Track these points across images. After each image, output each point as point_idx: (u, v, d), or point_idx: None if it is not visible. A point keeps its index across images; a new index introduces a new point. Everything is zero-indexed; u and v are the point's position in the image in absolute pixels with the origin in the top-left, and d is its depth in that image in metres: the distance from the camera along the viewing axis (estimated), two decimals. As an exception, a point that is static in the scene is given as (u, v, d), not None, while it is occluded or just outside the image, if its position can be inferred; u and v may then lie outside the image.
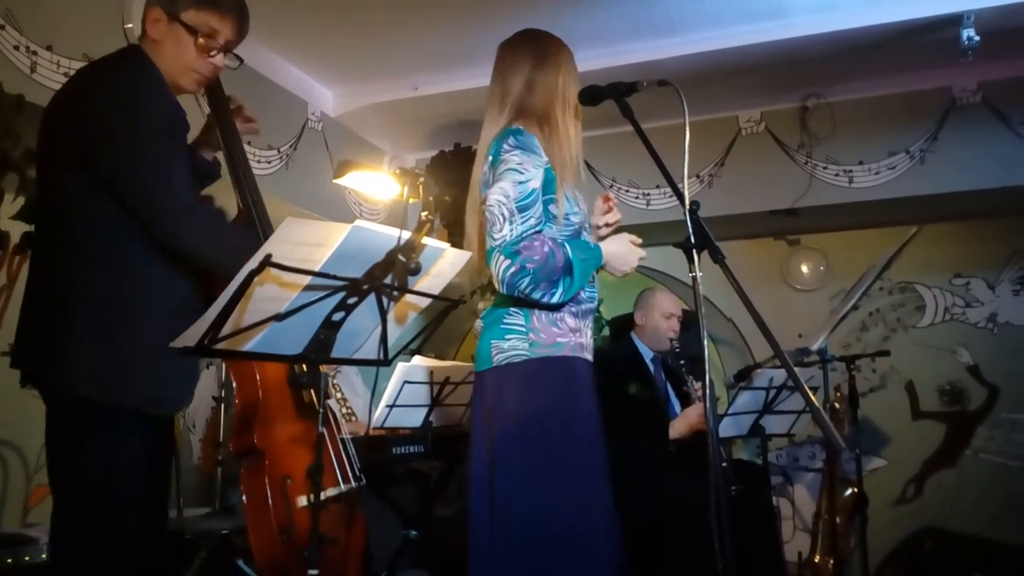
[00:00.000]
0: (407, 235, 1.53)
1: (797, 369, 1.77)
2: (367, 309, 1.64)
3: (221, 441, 3.93)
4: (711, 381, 1.83)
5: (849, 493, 4.27)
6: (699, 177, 4.79)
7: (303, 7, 3.70)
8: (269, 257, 1.38)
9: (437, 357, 3.88)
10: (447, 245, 1.68)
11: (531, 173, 1.97)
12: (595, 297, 2.15)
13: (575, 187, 2.12)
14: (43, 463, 3.32)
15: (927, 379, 5.06)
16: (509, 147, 1.99)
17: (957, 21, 3.61)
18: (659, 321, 3.61)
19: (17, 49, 2.83)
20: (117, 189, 1.73)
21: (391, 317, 1.72)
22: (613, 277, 2.20)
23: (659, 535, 3.16)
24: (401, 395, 3.21)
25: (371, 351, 1.78)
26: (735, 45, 3.95)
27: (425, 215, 1.51)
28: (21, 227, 2.72)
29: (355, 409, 3.80)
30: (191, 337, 1.45)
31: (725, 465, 3.24)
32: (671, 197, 4.80)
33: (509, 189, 1.94)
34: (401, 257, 1.52)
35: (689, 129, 1.81)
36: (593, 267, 2.07)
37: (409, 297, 1.74)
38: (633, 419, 3.33)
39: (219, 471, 3.86)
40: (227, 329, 1.46)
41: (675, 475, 3.23)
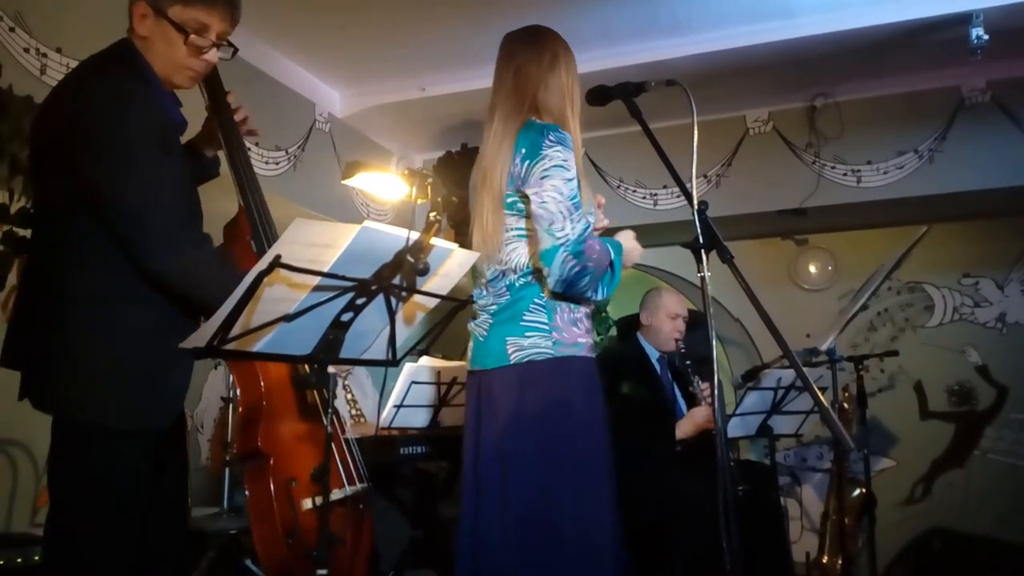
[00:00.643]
0: (415, 236, 1.53)
1: (805, 369, 1.76)
2: (375, 310, 1.64)
3: (229, 441, 3.93)
4: (720, 382, 1.83)
5: (857, 493, 4.25)
6: (707, 177, 4.78)
7: (311, 9, 3.71)
8: (279, 258, 1.39)
9: (444, 357, 3.88)
10: (455, 245, 1.68)
11: (574, 171, 1.98)
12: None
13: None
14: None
15: (936, 379, 5.05)
16: (551, 142, 1.97)
17: (966, 20, 3.60)
18: (665, 321, 3.60)
19: (27, 51, 2.85)
20: (100, 209, 1.67)
21: (399, 318, 1.72)
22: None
23: (665, 535, 3.15)
24: (408, 395, 3.21)
25: (379, 352, 1.78)
26: (742, 45, 3.95)
27: (434, 215, 1.51)
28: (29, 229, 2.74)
29: (364, 410, 3.81)
30: (201, 338, 1.45)
31: (732, 464, 3.23)
32: (678, 197, 4.80)
33: (563, 187, 1.94)
34: (410, 258, 1.52)
35: (697, 129, 1.81)
36: (621, 263, 2.08)
37: (417, 297, 1.74)
38: (639, 419, 3.33)
39: (227, 471, 3.86)
40: (236, 330, 1.46)
41: (681, 475, 3.23)
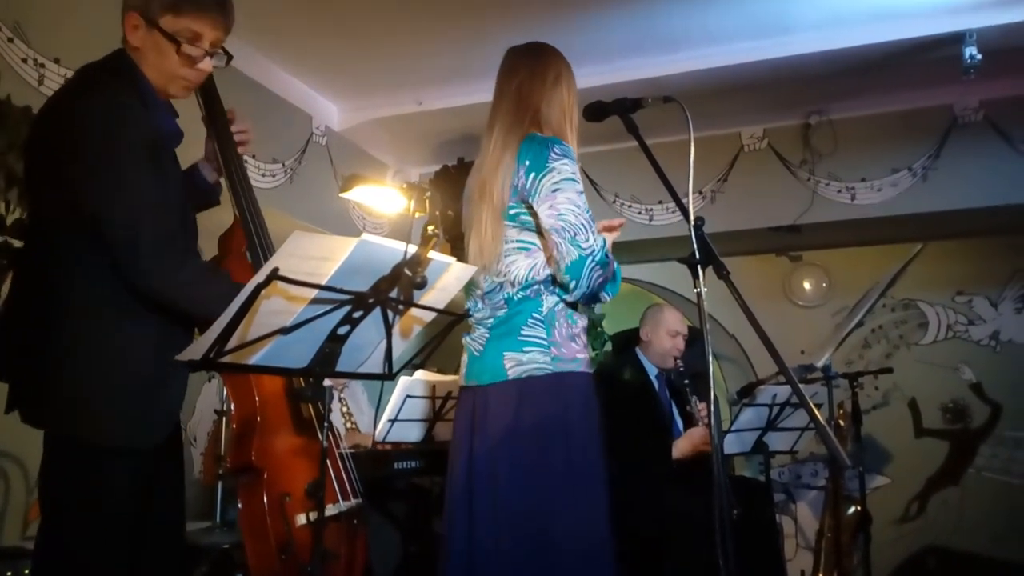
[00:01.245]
0: (413, 249, 1.53)
1: (801, 386, 1.76)
2: (372, 323, 1.64)
3: (222, 455, 3.91)
4: (716, 398, 1.83)
5: (852, 511, 4.24)
6: (702, 193, 4.79)
7: (308, 22, 3.72)
8: (276, 270, 1.38)
9: (439, 371, 3.87)
10: (453, 259, 1.68)
11: (581, 184, 2.01)
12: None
13: None
14: (41, 478, 3.30)
15: (930, 397, 5.06)
16: (557, 155, 1.98)
17: (959, 39, 3.63)
18: (664, 339, 3.60)
19: (25, 62, 2.85)
20: (90, 221, 1.65)
21: (396, 331, 1.71)
22: None
23: (661, 551, 3.14)
24: (403, 409, 3.21)
25: (376, 365, 1.78)
26: (738, 62, 3.97)
27: (432, 229, 1.51)
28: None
29: (359, 425, 3.79)
30: (197, 351, 1.45)
31: (728, 482, 3.23)
32: (673, 212, 4.81)
33: (577, 200, 1.97)
34: (407, 271, 1.52)
35: (693, 145, 1.82)
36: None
37: (414, 311, 1.74)
38: (636, 436, 3.32)
39: (220, 485, 3.83)
40: (233, 342, 1.45)
41: (678, 492, 3.22)
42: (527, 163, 2.00)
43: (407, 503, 3.68)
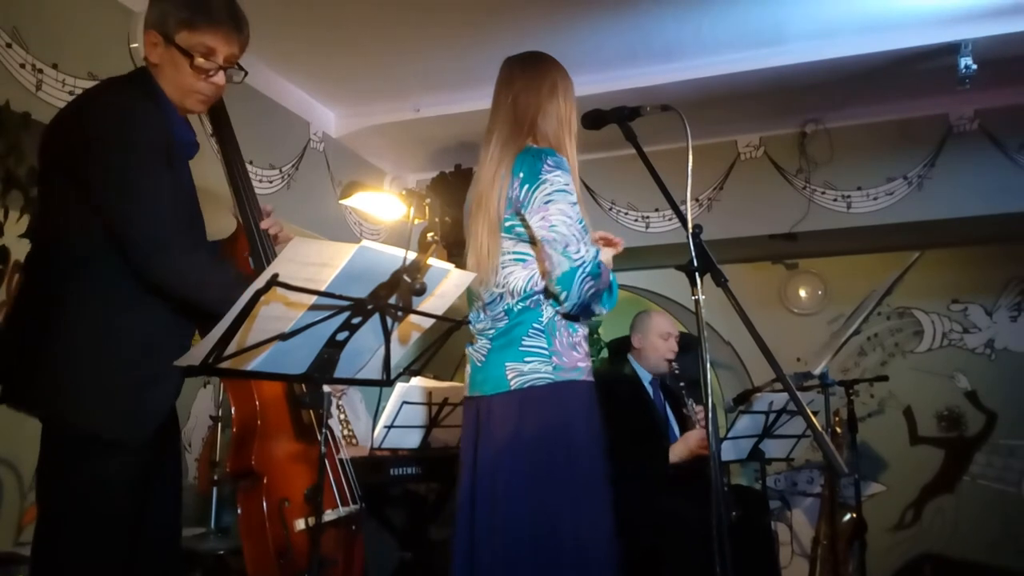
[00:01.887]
0: (412, 256, 1.54)
1: (798, 393, 1.77)
2: (371, 329, 1.64)
3: (217, 461, 3.90)
4: (713, 406, 1.83)
5: (848, 518, 4.25)
6: (698, 200, 4.80)
7: (306, 29, 3.73)
8: (276, 276, 1.39)
9: (435, 377, 3.87)
10: (451, 266, 1.68)
11: (576, 195, 2.00)
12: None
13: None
14: (33, 483, 3.29)
15: (925, 404, 5.06)
16: (550, 167, 1.99)
17: (955, 50, 3.66)
18: (657, 342, 3.60)
19: (23, 67, 2.85)
20: (104, 217, 1.72)
21: (394, 337, 1.72)
22: None
23: (659, 559, 3.14)
24: (399, 415, 3.20)
25: (374, 371, 1.78)
26: (733, 71, 3.98)
27: (431, 236, 1.52)
28: (22, 244, 2.73)
29: (356, 433, 3.79)
30: (196, 356, 1.45)
31: (726, 489, 3.23)
32: (670, 220, 4.82)
33: (570, 211, 1.97)
34: (407, 278, 1.53)
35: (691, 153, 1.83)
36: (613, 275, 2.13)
37: (413, 317, 1.74)
38: (633, 442, 3.32)
39: (215, 491, 3.83)
40: (232, 348, 1.45)
41: (675, 498, 3.22)
42: (521, 175, 2.02)
43: (403, 509, 3.67)
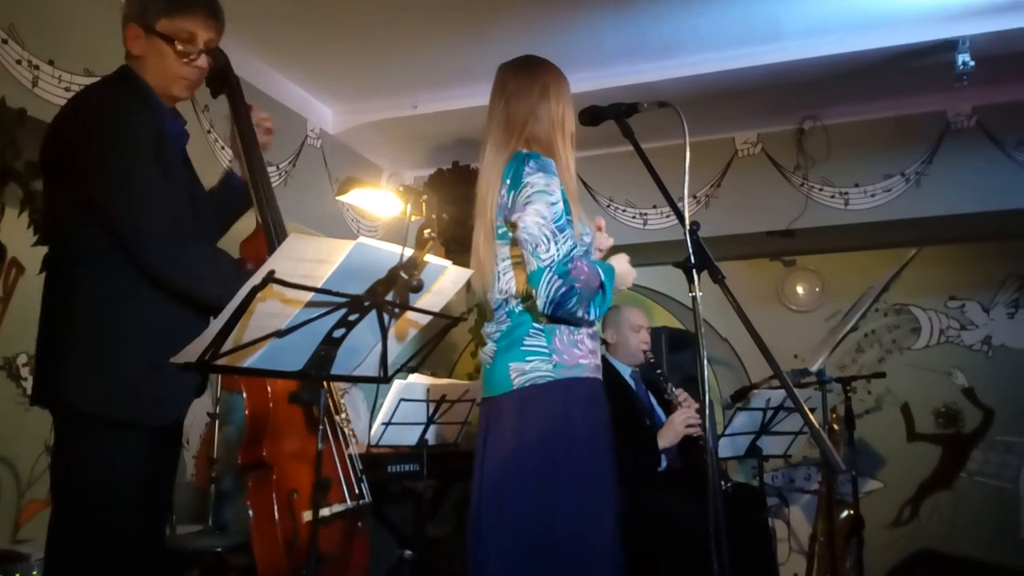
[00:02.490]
0: (409, 252, 1.53)
1: (795, 390, 1.77)
2: (368, 326, 1.64)
3: (215, 458, 3.90)
4: (710, 403, 1.83)
5: (845, 515, 4.25)
6: (696, 197, 4.81)
7: (304, 25, 3.72)
8: (272, 273, 1.38)
9: (433, 375, 3.87)
10: (449, 263, 1.68)
11: (558, 195, 2.01)
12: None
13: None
14: (35, 478, 3.29)
15: (922, 401, 5.07)
16: (531, 170, 2.01)
17: (952, 46, 3.66)
18: (630, 335, 3.58)
19: (19, 63, 2.84)
20: (100, 214, 1.77)
21: (391, 334, 1.71)
22: None
23: (655, 556, 3.14)
24: (397, 413, 3.21)
25: (371, 368, 1.78)
26: (731, 68, 3.99)
27: (428, 232, 1.52)
28: (19, 240, 2.72)
29: (357, 432, 3.79)
30: (192, 353, 1.44)
31: (726, 486, 3.23)
32: (668, 217, 4.82)
33: (544, 211, 1.97)
34: (403, 274, 1.52)
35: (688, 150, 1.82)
36: (612, 286, 2.10)
37: (410, 314, 1.74)
38: (622, 437, 3.31)
39: (212, 488, 3.82)
40: (228, 345, 1.45)
41: (671, 496, 3.22)
42: (508, 182, 2.05)
43: (401, 506, 3.68)
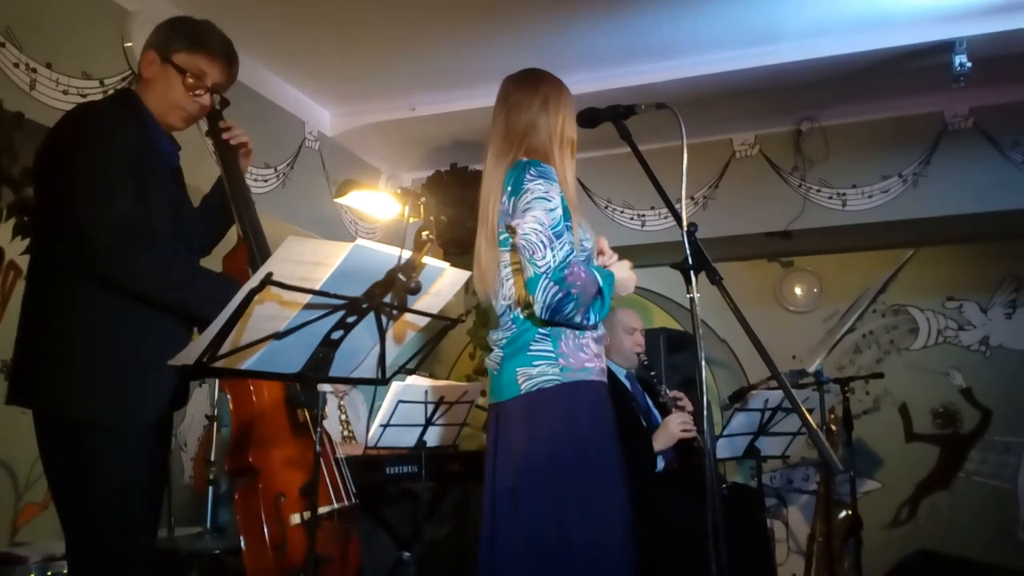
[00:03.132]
0: (407, 254, 1.53)
1: (792, 391, 1.77)
2: (366, 328, 1.64)
3: (213, 460, 3.89)
4: (708, 403, 1.83)
5: (843, 515, 4.25)
6: (694, 199, 4.81)
7: (302, 27, 3.72)
8: (270, 275, 1.38)
9: (431, 376, 3.87)
10: (447, 264, 1.68)
11: (557, 201, 2.02)
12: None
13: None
14: (33, 481, 3.29)
15: (920, 402, 5.08)
16: (532, 176, 2.03)
17: (949, 48, 3.66)
18: (624, 337, 3.57)
19: (17, 67, 2.84)
20: (69, 221, 1.77)
21: (389, 336, 1.72)
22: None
23: (653, 557, 3.14)
24: (395, 414, 3.20)
25: (369, 370, 1.78)
26: (728, 69, 3.99)
27: (426, 234, 1.52)
28: (16, 243, 2.72)
29: (356, 434, 3.80)
30: (189, 356, 1.44)
31: (725, 487, 3.23)
32: (666, 218, 4.83)
33: (543, 217, 1.98)
34: (401, 276, 1.52)
35: (686, 151, 1.83)
36: (611, 292, 2.11)
37: (408, 316, 1.74)
38: (621, 441, 3.31)
39: (210, 490, 3.81)
40: (226, 348, 1.45)
41: (669, 497, 3.22)
42: (508, 189, 2.07)
43: (399, 508, 3.67)
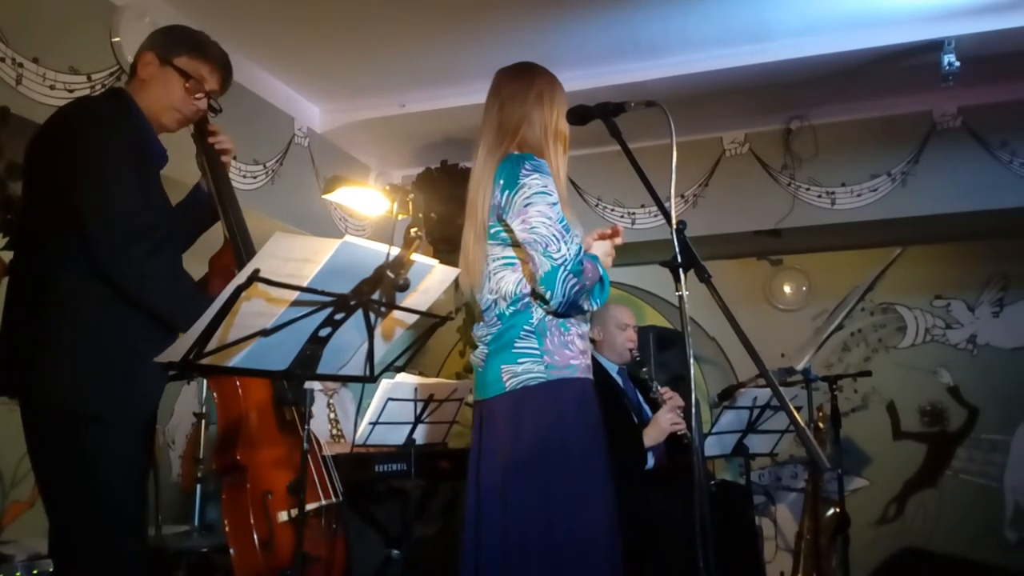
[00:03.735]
0: (396, 251, 1.53)
1: (781, 389, 1.77)
2: (354, 325, 1.63)
3: (201, 458, 3.88)
4: (697, 401, 1.84)
5: (831, 513, 4.27)
6: (683, 197, 4.82)
7: (291, 23, 3.71)
8: (257, 272, 1.38)
9: (420, 374, 3.86)
10: (436, 262, 1.68)
11: (556, 196, 2.02)
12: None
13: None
14: (19, 478, 3.27)
15: (908, 400, 5.10)
16: (528, 171, 2.02)
17: (938, 47, 3.68)
18: (616, 333, 3.58)
19: (3, 61, 2.81)
20: (72, 214, 1.80)
21: (378, 333, 1.71)
22: None
23: (641, 555, 3.14)
24: (384, 412, 3.19)
25: (357, 367, 1.77)
26: (719, 68, 3.99)
27: (415, 231, 1.51)
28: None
29: (345, 432, 3.78)
30: (176, 352, 1.43)
31: (714, 485, 3.24)
32: (656, 216, 4.83)
33: (549, 211, 1.98)
34: (389, 273, 1.52)
35: (675, 149, 1.83)
36: (607, 273, 2.12)
37: (396, 313, 1.74)
38: (609, 435, 3.31)
39: (198, 488, 3.80)
40: (212, 344, 1.44)
41: (657, 494, 3.22)
42: (501, 182, 2.05)
43: (388, 506, 3.66)
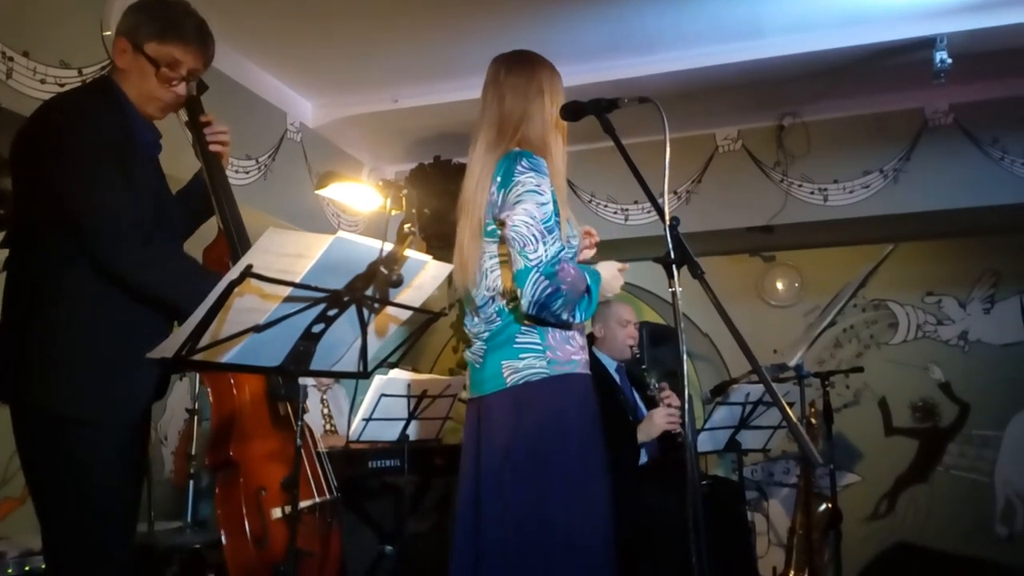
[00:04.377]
0: (389, 247, 1.53)
1: (773, 385, 1.78)
2: (347, 321, 1.63)
3: (193, 454, 3.87)
4: (690, 397, 1.84)
5: (823, 508, 4.29)
6: (676, 193, 4.83)
7: (284, 18, 3.69)
8: (250, 267, 1.37)
9: (413, 370, 3.86)
10: (429, 257, 1.67)
11: (549, 195, 1.99)
12: None
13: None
14: (9, 476, 3.25)
15: (900, 396, 5.12)
16: (523, 168, 2.00)
17: (930, 44, 3.69)
18: (617, 329, 3.59)
19: (-7, 55, 2.80)
20: (61, 210, 1.78)
21: (371, 329, 1.71)
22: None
23: (634, 551, 3.15)
24: (378, 408, 3.19)
25: (350, 363, 1.77)
26: (712, 64, 4.00)
27: (408, 227, 1.51)
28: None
29: (338, 428, 3.78)
30: (169, 348, 1.43)
31: (706, 481, 3.25)
32: (649, 212, 4.84)
33: (534, 210, 1.96)
34: (383, 269, 1.52)
35: (668, 145, 1.83)
36: (598, 291, 2.09)
37: (390, 309, 1.73)
38: (606, 434, 3.32)
39: (191, 484, 3.79)
40: (205, 340, 1.44)
41: (651, 489, 3.23)
42: (498, 180, 2.04)
43: (382, 502, 3.66)
